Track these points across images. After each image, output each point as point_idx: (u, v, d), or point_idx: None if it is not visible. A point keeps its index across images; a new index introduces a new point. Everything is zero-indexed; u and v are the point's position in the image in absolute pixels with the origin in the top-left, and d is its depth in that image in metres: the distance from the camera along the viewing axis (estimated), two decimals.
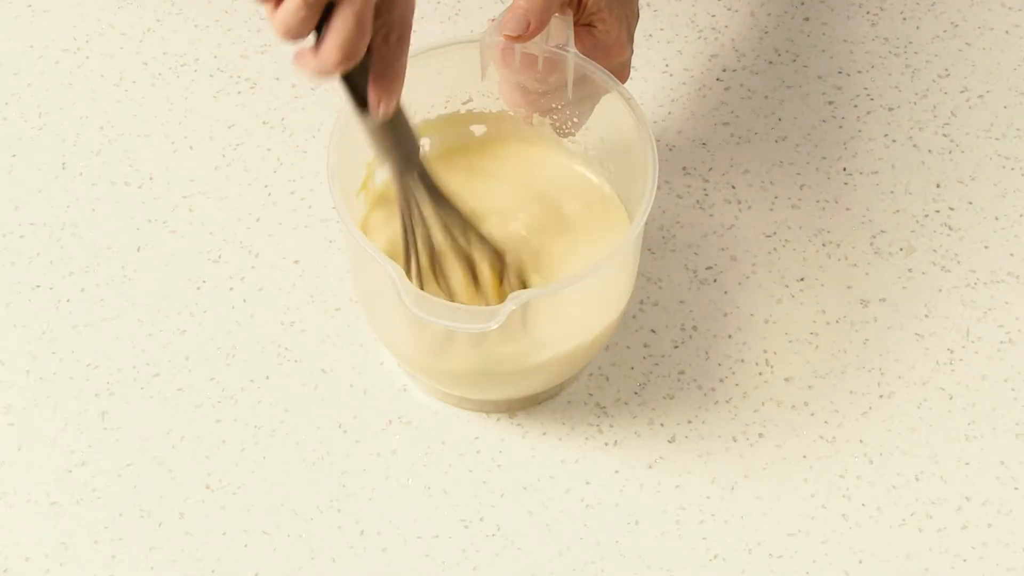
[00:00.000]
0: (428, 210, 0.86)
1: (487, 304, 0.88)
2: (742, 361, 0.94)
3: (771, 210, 1.01)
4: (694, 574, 0.87)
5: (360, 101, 0.79)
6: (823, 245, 0.99)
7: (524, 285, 0.89)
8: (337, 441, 0.91)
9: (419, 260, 0.87)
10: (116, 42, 1.08)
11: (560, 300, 0.85)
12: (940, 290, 0.97)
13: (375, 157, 0.85)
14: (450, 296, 0.88)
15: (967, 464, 0.91)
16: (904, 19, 1.10)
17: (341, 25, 0.74)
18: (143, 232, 0.99)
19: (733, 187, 1.01)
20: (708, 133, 1.04)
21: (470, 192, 0.91)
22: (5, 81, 1.06)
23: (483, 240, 0.88)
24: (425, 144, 0.93)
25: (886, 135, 1.04)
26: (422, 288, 0.87)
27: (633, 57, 0.92)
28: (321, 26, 0.75)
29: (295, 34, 0.74)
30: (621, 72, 0.91)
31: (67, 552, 0.88)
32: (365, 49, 0.76)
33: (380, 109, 0.79)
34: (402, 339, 0.88)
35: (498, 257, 0.88)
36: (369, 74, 0.78)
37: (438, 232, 0.87)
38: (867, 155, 1.03)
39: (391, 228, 0.91)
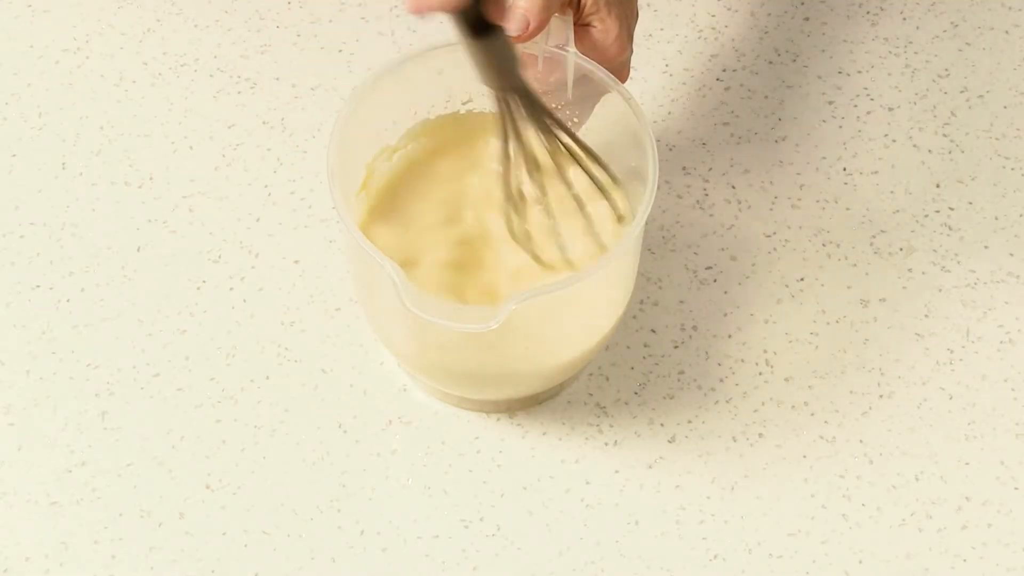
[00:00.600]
0: (529, 127, 0.87)
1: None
2: (742, 361, 0.94)
3: (771, 210, 1.01)
4: (694, 574, 0.87)
5: (470, 29, 0.82)
6: (823, 245, 0.99)
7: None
8: (337, 441, 0.91)
9: (517, 179, 0.88)
10: (116, 42, 1.08)
11: (561, 300, 0.85)
12: (940, 290, 0.97)
13: (482, 80, 0.86)
14: (551, 215, 0.89)
15: (967, 464, 0.91)
16: (904, 19, 1.10)
17: None
18: (143, 232, 0.99)
19: (733, 187, 1.02)
20: (708, 133, 1.04)
21: (469, 192, 0.91)
22: (5, 81, 1.06)
23: (588, 152, 0.89)
24: (425, 142, 0.93)
25: (886, 135, 1.04)
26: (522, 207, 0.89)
27: (633, 57, 0.92)
28: None
29: None
30: (621, 72, 0.91)
31: (67, 552, 0.88)
32: None
33: (511, 28, 0.83)
34: (402, 339, 0.88)
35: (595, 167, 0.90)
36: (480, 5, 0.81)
37: (538, 149, 0.88)
38: (867, 155, 1.03)
39: (391, 228, 0.91)
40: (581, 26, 0.88)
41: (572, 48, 0.88)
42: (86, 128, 1.04)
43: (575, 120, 0.92)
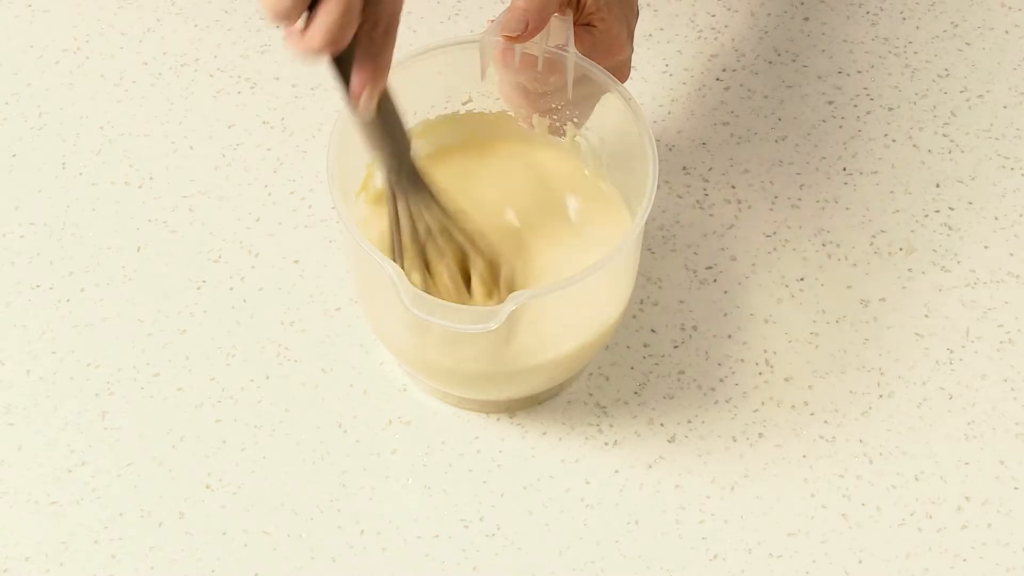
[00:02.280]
0: (417, 208, 0.86)
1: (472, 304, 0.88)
2: (742, 361, 0.94)
3: (771, 210, 1.01)
4: (694, 574, 0.87)
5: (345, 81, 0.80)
6: (823, 245, 0.99)
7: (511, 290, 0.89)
8: (337, 441, 0.91)
9: (403, 257, 0.87)
10: (116, 42, 1.08)
11: (560, 300, 0.85)
12: (940, 290, 0.97)
13: (368, 151, 0.85)
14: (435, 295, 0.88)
15: (967, 464, 0.91)
16: (904, 19, 1.10)
17: (328, 10, 0.75)
18: (143, 232, 0.99)
19: (733, 187, 1.02)
20: (708, 133, 1.04)
21: (469, 193, 0.91)
22: (5, 81, 1.06)
23: (474, 245, 0.87)
24: (424, 143, 0.93)
25: (886, 135, 1.04)
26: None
27: (633, 57, 0.92)
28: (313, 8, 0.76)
29: (285, 16, 0.75)
30: (621, 71, 0.91)
31: (67, 552, 0.88)
32: (350, 36, 0.76)
33: (362, 98, 0.79)
34: (402, 339, 0.88)
35: (489, 265, 0.88)
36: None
37: (425, 231, 0.87)
38: (867, 155, 1.03)
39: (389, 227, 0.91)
40: (581, 26, 0.88)
41: (572, 48, 0.88)
42: (86, 128, 1.04)
43: (575, 120, 0.92)
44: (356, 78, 0.79)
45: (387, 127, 0.83)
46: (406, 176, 0.85)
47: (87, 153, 1.03)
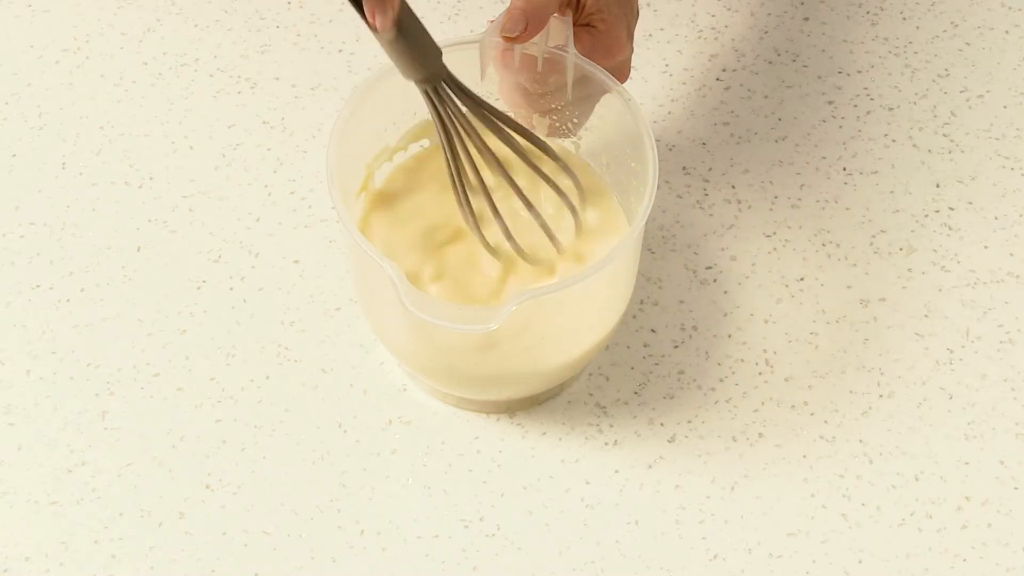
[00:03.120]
0: (459, 116, 0.86)
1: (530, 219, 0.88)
2: (742, 361, 0.95)
3: (771, 210, 1.01)
4: (694, 574, 0.87)
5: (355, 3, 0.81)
6: (823, 245, 0.99)
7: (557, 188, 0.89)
8: (337, 441, 0.91)
9: (463, 177, 0.87)
10: (116, 42, 1.08)
11: (560, 300, 0.85)
12: (940, 290, 0.97)
13: (402, 74, 0.85)
14: (495, 209, 0.87)
15: (967, 464, 0.91)
16: (904, 19, 1.10)
17: None
18: (143, 232, 0.99)
19: (733, 187, 1.02)
20: (708, 133, 1.04)
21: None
22: (5, 81, 1.06)
23: (523, 139, 0.87)
24: (425, 143, 0.93)
25: (886, 135, 1.04)
26: (472, 207, 0.87)
27: (633, 57, 0.92)
28: None
29: None
30: (621, 71, 0.91)
31: (67, 552, 0.88)
32: None
33: (376, 24, 0.80)
34: (402, 339, 0.88)
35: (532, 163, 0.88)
36: None
37: (474, 140, 0.87)
38: (867, 155, 1.03)
39: (391, 228, 0.91)
40: (581, 26, 0.88)
41: (571, 49, 0.88)
42: (86, 128, 1.04)
43: (575, 120, 0.92)
44: (366, 7, 0.80)
45: (412, 43, 0.83)
46: (446, 86, 0.85)
47: (87, 153, 1.03)
